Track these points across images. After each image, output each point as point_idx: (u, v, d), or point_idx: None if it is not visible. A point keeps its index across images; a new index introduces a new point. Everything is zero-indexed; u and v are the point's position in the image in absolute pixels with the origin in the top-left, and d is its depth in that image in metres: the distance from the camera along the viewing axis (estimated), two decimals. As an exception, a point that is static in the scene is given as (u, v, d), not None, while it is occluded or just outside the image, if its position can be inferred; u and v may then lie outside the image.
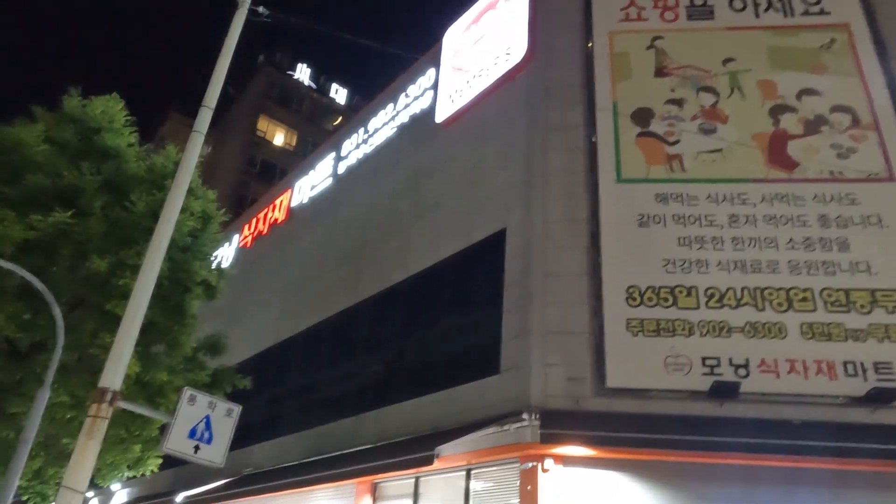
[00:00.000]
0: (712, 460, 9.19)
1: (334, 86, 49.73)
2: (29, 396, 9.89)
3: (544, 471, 9.46)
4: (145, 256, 6.87)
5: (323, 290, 16.72)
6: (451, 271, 12.84)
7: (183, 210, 9.72)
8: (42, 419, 9.32)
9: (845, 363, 9.23)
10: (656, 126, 11.52)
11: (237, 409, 6.76)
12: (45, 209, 10.06)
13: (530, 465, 9.60)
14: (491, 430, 9.77)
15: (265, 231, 22.29)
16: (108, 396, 6.08)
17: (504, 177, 12.47)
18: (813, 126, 11.14)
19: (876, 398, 8.93)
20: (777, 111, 11.37)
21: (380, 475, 12.07)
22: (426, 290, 13.34)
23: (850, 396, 9.06)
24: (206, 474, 16.60)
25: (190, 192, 10.56)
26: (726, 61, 11.94)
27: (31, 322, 10.14)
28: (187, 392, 6.51)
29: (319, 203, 19.57)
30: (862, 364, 9.20)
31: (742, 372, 9.35)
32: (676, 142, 11.34)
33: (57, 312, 9.27)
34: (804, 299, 9.73)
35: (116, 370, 6.26)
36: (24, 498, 12.70)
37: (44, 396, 9.23)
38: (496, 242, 11.90)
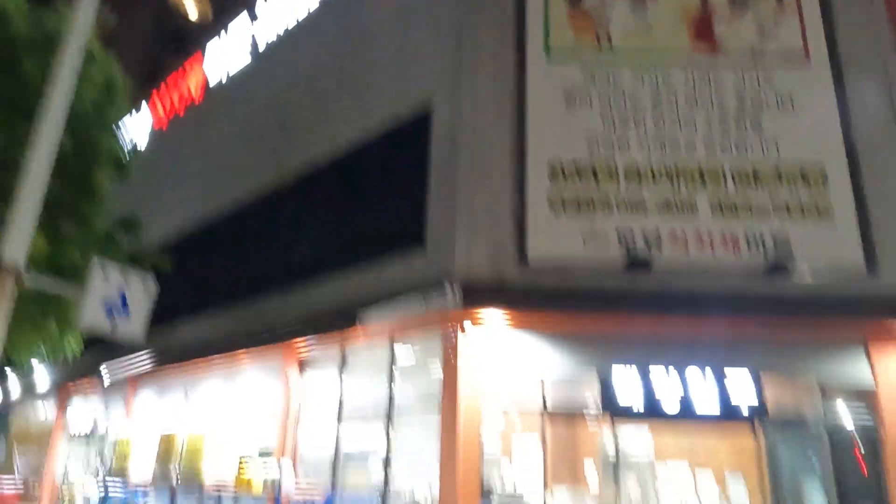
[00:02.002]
0: (624, 327, 9.84)
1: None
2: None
3: (464, 336, 9.91)
4: (39, 123, 6.35)
5: (246, 171, 16.16)
6: (377, 149, 12.59)
7: (83, 78, 8.95)
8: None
9: (748, 237, 9.83)
10: (587, 1, 11.26)
11: (153, 282, 6.61)
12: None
13: (452, 335, 10.01)
14: (414, 301, 10.01)
15: (181, 112, 21.03)
16: (11, 271, 5.79)
17: (431, 52, 12.05)
18: (739, 6, 11.15)
19: (772, 270, 9.62)
20: (706, -10, 11.29)
21: (306, 347, 12.34)
22: (352, 169, 13.09)
23: (751, 268, 9.71)
24: (129, 350, 16.55)
25: (89, 57, 9.69)
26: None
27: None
28: (98, 264, 6.29)
29: (238, 82, 18.48)
30: (763, 238, 9.82)
31: (654, 246, 9.82)
32: (606, 19, 11.15)
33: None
34: (715, 177, 10.15)
35: (19, 245, 5.94)
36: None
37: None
38: (422, 119, 11.67)
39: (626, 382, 9.77)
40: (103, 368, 17.18)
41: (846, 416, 9.79)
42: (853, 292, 9.52)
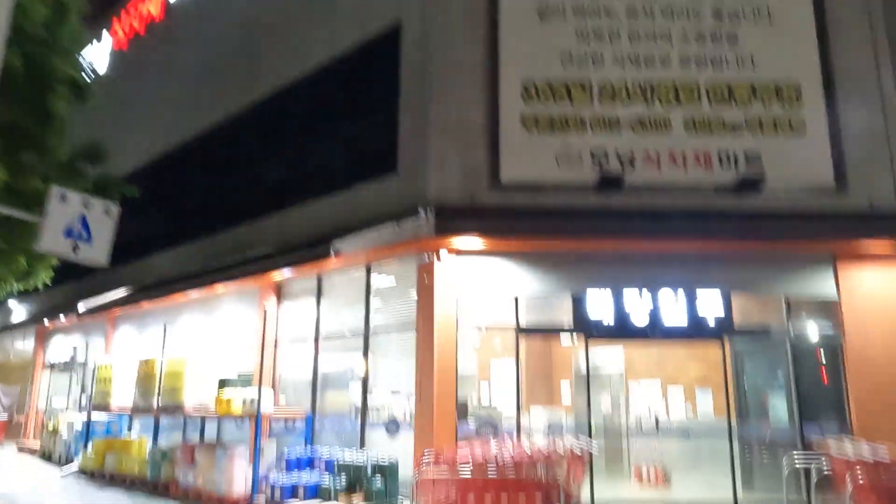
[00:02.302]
0: (597, 247, 9.90)
1: None
2: None
3: (439, 259, 9.93)
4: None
5: (214, 95, 15.66)
6: (347, 70, 12.21)
7: (27, -5, 8.49)
8: None
9: (721, 154, 9.80)
10: None
11: (115, 207, 6.47)
12: None
13: (427, 258, 10.02)
14: (388, 226, 9.95)
15: (141, 31, 20.11)
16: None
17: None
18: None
19: (744, 186, 9.65)
20: None
21: (282, 275, 12.33)
22: (322, 91, 12.72)
23: (723, 185, 9.72)
24: (106, 284, 16.46)
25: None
26: None
27: None
28: (56, 190, 6.13)
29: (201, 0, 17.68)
30: (735, 155, 9.80)
31: (628, 164, 9.76)
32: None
33: None
34: (690, 94, 10.02)
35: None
36: None
37: None
38: (392, 37, 11.29)
39: (600, 304, 9.91)
40: (80, 304, 17.11)
41: (811, 328, 10.07)
42: (823, 209, 9.61)
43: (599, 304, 9.92)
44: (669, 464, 11.17)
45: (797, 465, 9.05)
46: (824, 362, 10.08)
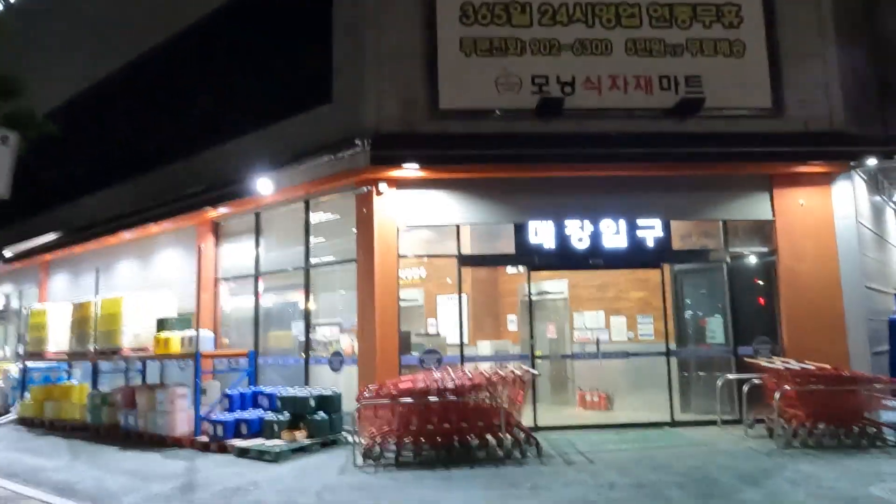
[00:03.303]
0: (538, 174, 9.78)
1: None
2: None
3: (378, 194, 9.68)
4: None
5: (138, 24, 14.66)
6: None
7: None
8: None
9: (661, 77, 9.68)
10: None
11: (13, 135, 6.01)
12: None
13: (365, 189, 9.76)
14: (325, 158, 9.62)
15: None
16: None
17: None
18: None
19: (684, 109, 9.59)
20: None
21: (218, 212, 11.91)
22: (252, 18, 12.02)
23: (663, 108, 9.64)
24: (36, 228, 15.73)
25: None
26: None
27: None
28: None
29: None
30: (675, 78, 9.70)
31: (568, 89, 9.57)
32: None
33: None
34: (631, 15, 9.80)
35: None
36: None
37: None
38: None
39: (542, 233, 9.86)
40: (6, 250, 16.34)
41: (746, 251, 10.26)
42: (760, 130, 9.64)
43: (542, 234, 9.88)
44: (612, 388, 11.46)
45: (730, 380, 9.35)
46: (760, 283, 10.32)
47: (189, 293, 11.22)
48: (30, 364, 13.99)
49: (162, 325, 10.91)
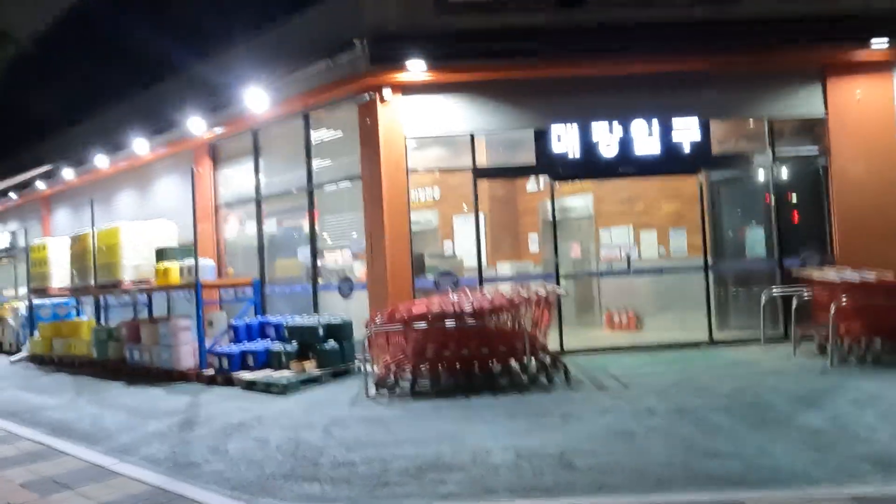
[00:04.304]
0: (559, 72, 8.73)
1: None
2: None
3: (383, 102, 8.74)
4: None
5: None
6: None
7: None
8: None
9: (699, -47, 8.44)
10: None
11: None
12: None
13: (367, 97, 8.81)
14: (322, 64, 8.64)
15: None
16: None
17: None
18: None
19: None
20: None
21: (213, 133, 11.06)
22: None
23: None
24: (29, 163, 15.06)
25: None
26: None
27: None
28: None
29: None
30: (716, -47, 8.44)
31: (592, -28, 8.39)
32: None
33: None
34: None
35: None
36: None
37: None
38: None
39: (566, 139, 8.89)
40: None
41: (794, 155, 9.23)
42: (811, 13, 8.41)
43: (565, 140, 8.91)
44: (641, 308, 10.73)
45: (776, 296, 8.54)
46: (807, 190, 9.34)
47: (189, 217, 10.56)
48: (36, 301, 13.57)
49: (161, 255, 10.27)
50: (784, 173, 9.20)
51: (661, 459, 4.47)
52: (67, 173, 14.19)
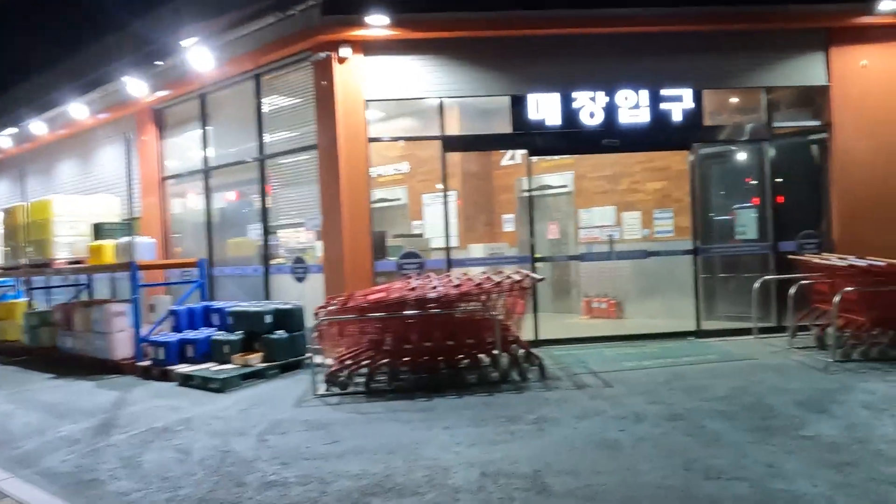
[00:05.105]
0: (539, 31, 7.84)
1: None
2: None
3: (340, 62, 7.76)
4: None
5: None
6: None
7: None
8: None
9: None
10: None
11: None
12: None
13: (323, 55, 7.82)
14: (272, 16, 7.64)
15: None
16: None
17: None
18: None
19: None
20: None
21: (156, 97, 9.98)
22: None
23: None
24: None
25: None
26: None
27: None
28: None
29: None
30: None
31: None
32: None
33: None
34: None
35: None
36: None
37: None
38: None
39: (545, 110, 8.01)
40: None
41: (793, 128, 8.48)
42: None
43: (544, 108, 8.03)
44: (624, 293, 9.98)
45: (769, 281, 7.82)
46: (806, 167, 8.60)
47: (135, 197, 9.53)
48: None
49: (98, 231, 9.25)
50: (781, 149, 8.42)
51: (654, 480, 3.71)
52: (3, 141, 12.97)
